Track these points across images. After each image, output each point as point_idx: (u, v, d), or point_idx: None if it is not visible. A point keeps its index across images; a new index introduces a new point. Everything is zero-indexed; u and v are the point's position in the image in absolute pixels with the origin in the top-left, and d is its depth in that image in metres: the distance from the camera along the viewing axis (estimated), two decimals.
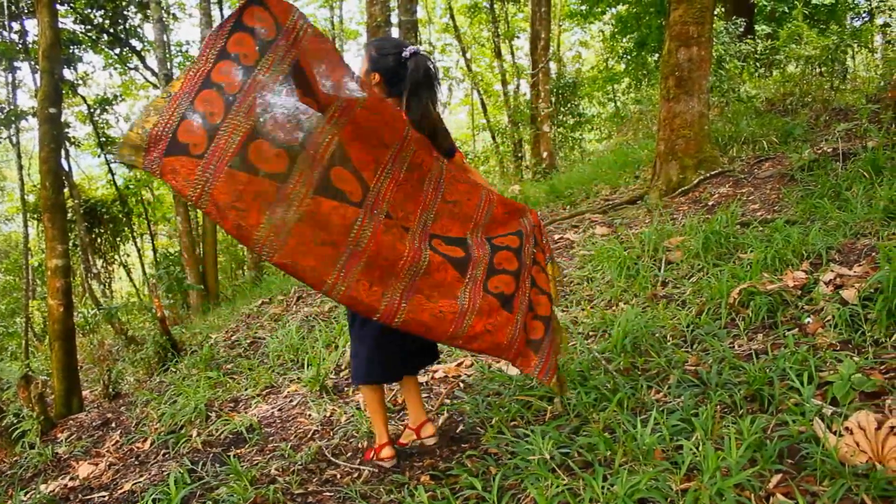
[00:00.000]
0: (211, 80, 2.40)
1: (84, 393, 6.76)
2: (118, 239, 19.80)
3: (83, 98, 17.38)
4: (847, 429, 2.47)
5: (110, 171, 18.50)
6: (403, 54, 2.98)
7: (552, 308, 3.11)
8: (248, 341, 6.78)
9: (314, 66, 2.54)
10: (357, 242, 2.57)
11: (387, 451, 3.31)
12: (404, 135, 2.73)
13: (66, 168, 15.73)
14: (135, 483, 3.85)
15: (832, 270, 4.00)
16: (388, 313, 2.63)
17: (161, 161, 2.30)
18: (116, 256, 20.14)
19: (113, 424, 5.43)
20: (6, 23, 13.59)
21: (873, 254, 4.13)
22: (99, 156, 18.50)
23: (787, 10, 14.28)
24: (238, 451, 3.94)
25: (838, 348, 3.31)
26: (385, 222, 2.66)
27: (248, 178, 2.37)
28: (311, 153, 2.51)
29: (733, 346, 3.68)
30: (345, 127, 2.57)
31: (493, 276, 2.92)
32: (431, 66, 3.01)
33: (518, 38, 23.11)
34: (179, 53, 18.27)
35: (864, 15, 16.29)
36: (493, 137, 21.43)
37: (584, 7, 19.07)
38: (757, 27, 13.52)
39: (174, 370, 6.57)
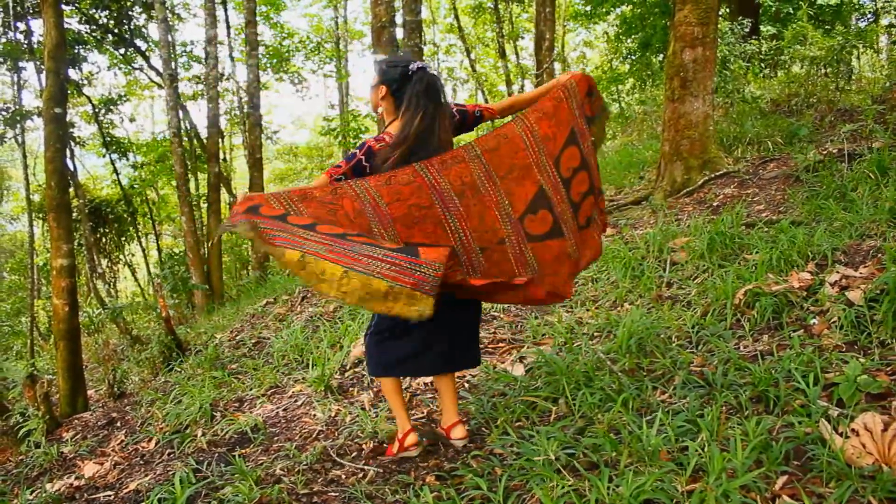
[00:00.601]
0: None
1: (89, 392, 6.78)
2: (123, 238, 19.84)
3: (88, 98, 17.42)
4: (853, 430, 2.46)
5: (115, 170, 18.51)
6: (410, 67, 3.06)
7: (592, 173, 3.20)
8: (253, 341, 6.79)
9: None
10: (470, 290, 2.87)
11: (411, 438, 3.34)
12: (427, 183, 2.85)
13: (72, 168, 15.77)
14: (140, 482, 3.86)
15: (838, 272, 3.99)
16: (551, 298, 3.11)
17: None
18: (121, 256, 20.18)
19: (118, 424, 5.45)
20: (11, 23, 13.63)
21: (879, 255, 4.12)
22: (104, 156, 18.52)
23: (791, 11, 14.26)
24: (243, 450, 3.95)
25: (844, 349, 3.31)
26: (484, 258, 2.92)
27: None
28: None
29: (738, 347, 3.68)
30: (387, 225, 2.80)
31: (578, 211, 3.10)
32: (433, 83, 3.04)
33: (522, 38, 23.12)
34: (184, 53, 18.31)
35: (869, 15, 16.26)
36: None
37: (588, 8, 19.05)
38: (762, 28, 13.51)
39: (179, 370, 6.58)
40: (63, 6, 8.18)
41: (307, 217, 2.65)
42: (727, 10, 13.63)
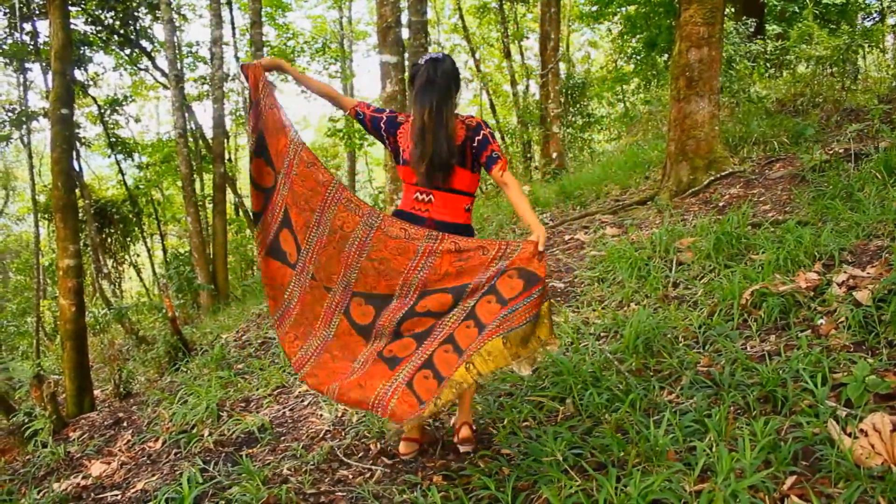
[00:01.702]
0: None
1: (95, 392, 6.79)
2: (128, 239, 19.85)
3: (94, 99, 17.44)
4: (862, 431, 2.46)
5: (120, 171, 18.55)
6: (420, 61, 3.11)
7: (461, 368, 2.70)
8: (259, 341, 6.80)
9: (270, 136, 3.10)
10: (289, 300, 3.15)
11: (403, 447, 3.37)
12: (325, 197, 3.04)
13: (77, 168, 15.80)
14: (147, 482, 3.86)
15: (845, 272, 3.98)
16: (298, 364, 3.10)
17: None
18: (127, 256, 20.19)
19: (125, 424, 5.46)
20: (17, 24, 13.66)
21: (886, 255, 4.11)
22: (109, 156, 18.56)
23: (797, 10, 14.21)
24: (250, 450, 3.95)
25: (852, 350, 3.30)
26: (310, 283, 3.09)
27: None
28: (267, 218, 3.12)
29: (746, 348, 3.67)
30: (288, 192, 3.07)
31: (395, 340, 2.99)
32: (431, 72, 3.03)
33: (527, 38, 23.05)
34: (189, 54, 18.33)
35: (875, 15, 16.20)
36: (503, 138, 21.39)
37: (594, 8, 19.03)
38: (767, 27, 13.46)
39: (185, 370, 6.60)
40: (69, 7, 8.20)
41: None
42: (732, 9, 13.60)
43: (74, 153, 14.12)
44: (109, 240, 19.03)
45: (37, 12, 13.75)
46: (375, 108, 3.21)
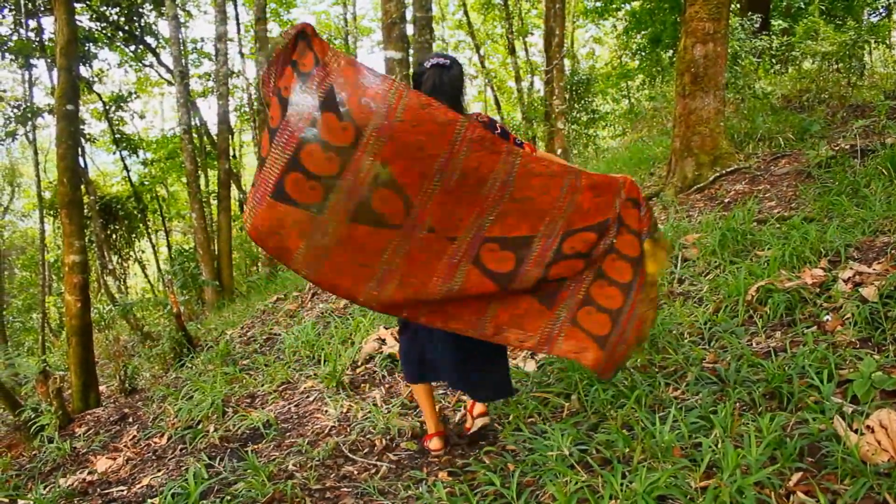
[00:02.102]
0: (268, 115, 2.62)
1: (100, 388, 6.81)
2: (133, 235, 19.92)
3: (98, 95, 17.48)
4: (868, 427, 2.46)
5: (125, 167, 18.59)
6: (424, 65, 3.00)
7: (629, 298, 2.91)
8: (264, 337, 6.80)
9: (347, 91, 2.56)
10: (389, 262, 2.69)
11: (434, 443, 3.38)
12: (453, 139, 2.62)
13: (82, 165, 15.83)
14: (153, 478, 3.88)
15: (851, 268, 3.97)
16: (412, 317, 2.84)
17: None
18: (131, 253, 20.26)
19: (130, 419, 5.47)
20: (23, 20, 13.69)
21: (893, 251, 4.10)
22: (114, 153, 18.61)
23: (803, 6, 14.18)
24: (255, 446, 3.96)
25: (858, 346, 3.29)
26: (425, 238, 2.69)
27: (286, 208, 2.54)
28: (349, 181, 2.58)
29: (751, 344, 3.67)
30: (384, 146, 2.56)
31: (537, 291, 2.87)
32: (438, 80, 2.95)
33: (532, 34, 23.05)
34: (194, 50, 18.35)
35: (881, 10, 16.14)
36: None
37: (598, 3, 18.99)
38: (773, 23, 13.44)
39: (190, 366, 6.61)
40: (74, 3, 8.21)
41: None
42: (738, 5, 13.56)
43: (80, 149, 14.17)
44: (114, 236, 19.11)
45: (42, 9, 13.78)
46: None
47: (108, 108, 17.53)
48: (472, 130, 2.62)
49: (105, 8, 15.37)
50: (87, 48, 15.21)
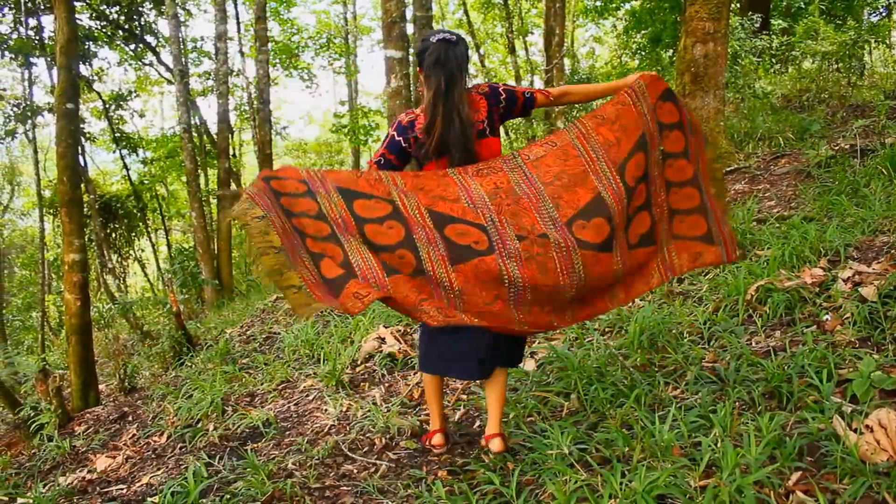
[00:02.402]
0: (292, 213, 2.64)
1: (100, 387, 6.81)
2: (133, 234, 19.89)
3: (98, 94, 17.46)
4: (867, 426, 2.46)
5: (125, 166, 18.58)
6: (430, 40, 2.94)
7: (702, 187, 2.97)
8: (264, 336, 6.80)
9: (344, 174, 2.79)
10: (512, 283, 2.67)
11: (437, 439, 3.36)
12: (457, 182, 2.76)
13: (82, 163, 15.82)
14: (152, 476, 3.88)
15: (850, 267, 3.97)
16: (562, 324, 2.91)
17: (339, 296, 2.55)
18: (131, 251, 20.24)
19: (130, 418, 5.47)
20: (23, 19, 13.68)
21: (892, 251, 4.10)
22: (114, 151, 18.59)
23: (803, 6, 14.18)
24: (255, 445, 3.96)
25: (857, 346, 3.29)
26: (522, 247, 2.67)
27: (404, 277, 2.65)
28: (419, 233, 2.66)
29: (751, 343, 3.67)
30: (412, 194, 2.72)
31: (629, 226, 2.86)
32: (444, 54, 2.87)
33: (532, 34, 23.02)
34: (194, 49, 18.33)
35: (881, 10, 16.13)
36: (507, 133, 21.40)
37: (598, 3, 18.98)
38: (773, 22, 13.43)
39: (189, 364, 6.61)
40: (74, 2, 8.21)
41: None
42: (738, 4, 13.56)
43: (79, 148, 14.16)
44: (114, 235, 19.08)
45: (42, 7, 13.77)
46: (383, 142, 3.02)
47: (107, 106, 17.51)
48: (464, 170, 2.79)
49: (105, 7, 15.35)
50: (87, 47, 15.19)
